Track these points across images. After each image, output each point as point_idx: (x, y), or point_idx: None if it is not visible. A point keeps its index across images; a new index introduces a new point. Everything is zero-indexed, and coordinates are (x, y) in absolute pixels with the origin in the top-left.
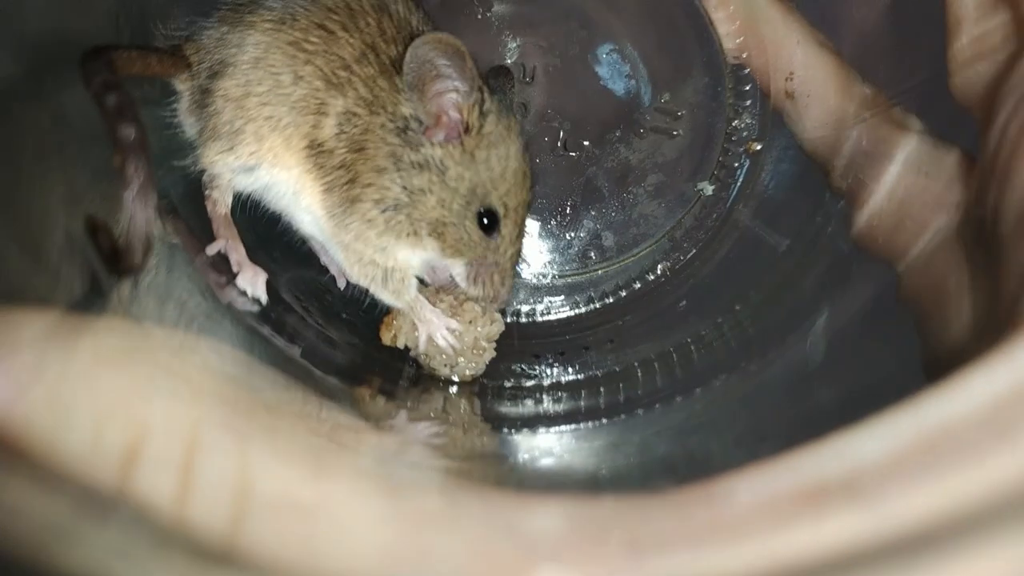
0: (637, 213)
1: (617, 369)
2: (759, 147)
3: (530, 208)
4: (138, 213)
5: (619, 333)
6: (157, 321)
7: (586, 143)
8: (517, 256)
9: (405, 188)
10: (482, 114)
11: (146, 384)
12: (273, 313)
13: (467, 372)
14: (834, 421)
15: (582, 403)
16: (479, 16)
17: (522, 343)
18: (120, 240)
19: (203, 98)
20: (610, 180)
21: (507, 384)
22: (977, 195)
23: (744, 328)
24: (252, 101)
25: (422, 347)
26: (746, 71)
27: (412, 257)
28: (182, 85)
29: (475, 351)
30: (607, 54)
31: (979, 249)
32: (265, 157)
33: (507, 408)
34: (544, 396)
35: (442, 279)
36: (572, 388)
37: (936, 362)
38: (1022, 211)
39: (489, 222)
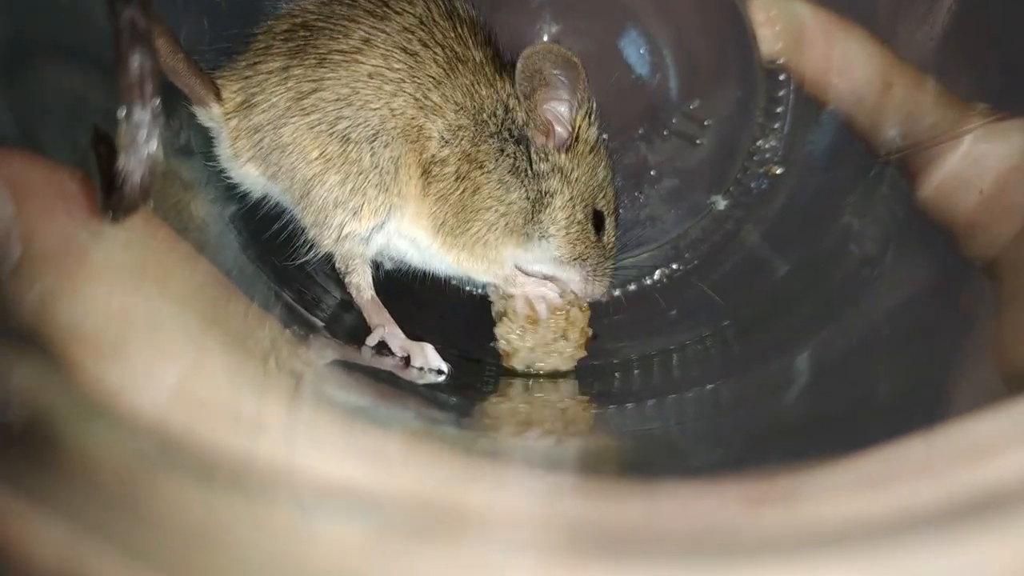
0: (645, 215)
1: (595, 363)
2: (780, 171)
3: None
4: (138, 139)
5: (603, 330)
6: None
7: (606, 135)
8: (615, 251)
9: (528, 197)
10: (591, 124)
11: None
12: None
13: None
14: (796, 442)
15: None
16: None
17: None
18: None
19: (279, 156)
20: (625, 176)
21: (486, 367)
22: None
23: (729, 345)
24: (356, 150)
25: (521, 309)
26: (780, 93)
27: (521, 260)
28: (215, 120)
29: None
30: (643, 50)
31: None
32: (394, 203)
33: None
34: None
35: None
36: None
37: (1010, 351)
38: None
39: (597, 222)
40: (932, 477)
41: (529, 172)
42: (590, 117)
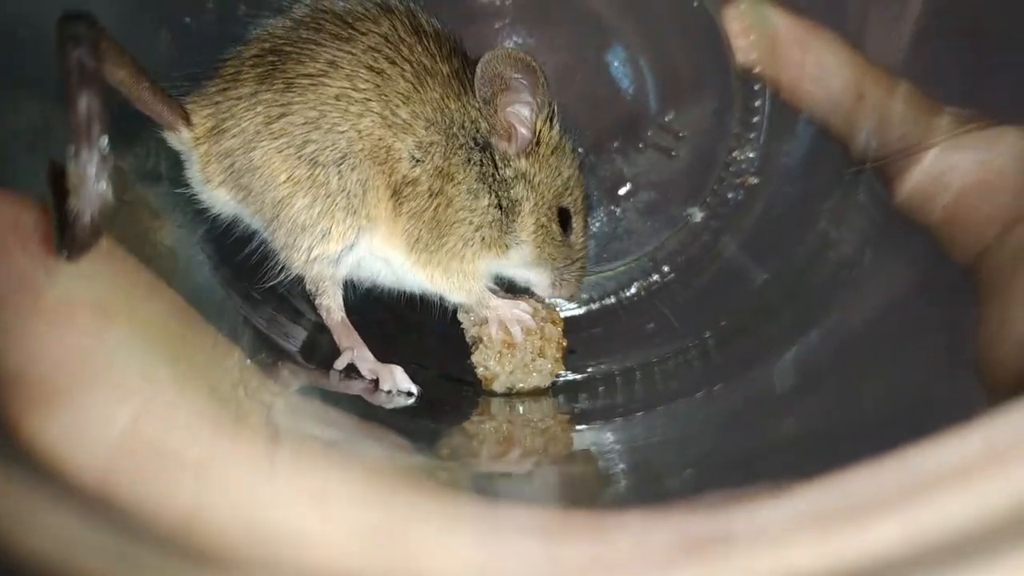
0: (622, 228)
1: (577, 379)
2: (755, 181)
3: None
4: (87, 180)
5: (580, 345)
6: None
7: (582, 149)
8: (586, 250)
9: (500, 206)
10: (551, 127)
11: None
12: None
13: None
14: (783, 455)
15: None
16: (498, 3)
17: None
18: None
19: (248, 180)
20: (601, 190)
21: (464, 387)
22: None
23: (710, 356)
24: (324, 173)
25: (494, 334)
26: (756, 103)
27: (495, 268)
28: (185, 145)
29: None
30: (619, 63)
31: None
32: (363, 225)
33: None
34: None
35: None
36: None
37: (986, 352)
38: None
39: (563, 221)
40: (885, 513)
41: (496, 177)
42: (551, 120)
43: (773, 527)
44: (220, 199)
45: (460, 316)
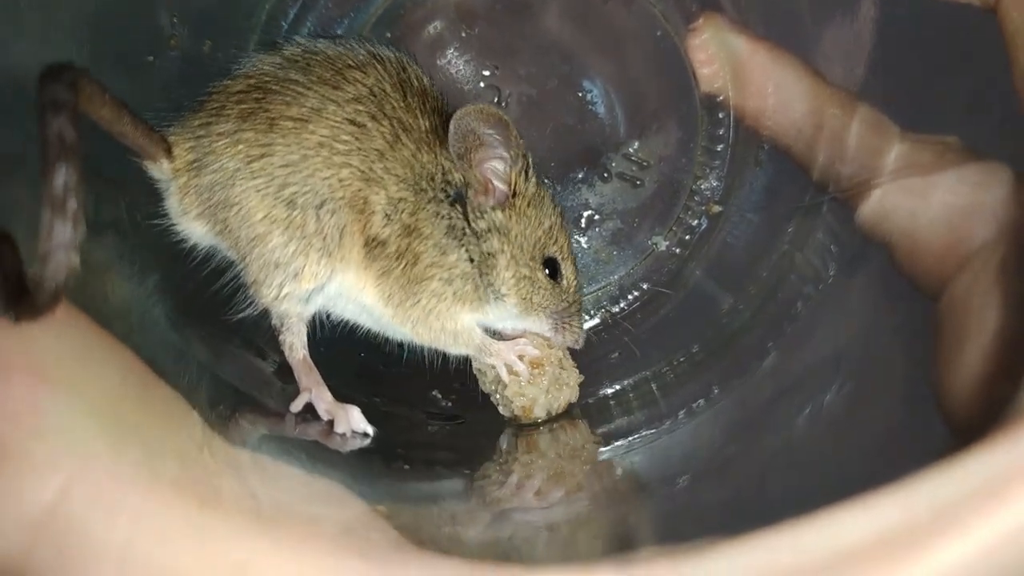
0: (588, 258)
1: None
2: (719, 209)
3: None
4: (57, 250)
5: None
6: None
7: (547, 179)
8: (581, 293)
9: (472, 259)
10: (527, 179)
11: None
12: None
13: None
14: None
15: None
16: (462, 34)
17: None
18: (30, 274)
19: (226, 214)
20: (566, 220)
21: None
22: None
23: (671, 387)
24: (301, 216)
25: (505, 378)
26: (720, 132)
27: (480, 322)
28: (165, 176)
29: (556, 385)
30: (583, 93)
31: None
32: (336, 267)
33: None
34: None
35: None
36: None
37: (939, 382)
38: None
39: (551, 270)
40: None
41: (468, 231)
42: (526, 172)
43: None
44: (197, 231)
45: (475, 365)
